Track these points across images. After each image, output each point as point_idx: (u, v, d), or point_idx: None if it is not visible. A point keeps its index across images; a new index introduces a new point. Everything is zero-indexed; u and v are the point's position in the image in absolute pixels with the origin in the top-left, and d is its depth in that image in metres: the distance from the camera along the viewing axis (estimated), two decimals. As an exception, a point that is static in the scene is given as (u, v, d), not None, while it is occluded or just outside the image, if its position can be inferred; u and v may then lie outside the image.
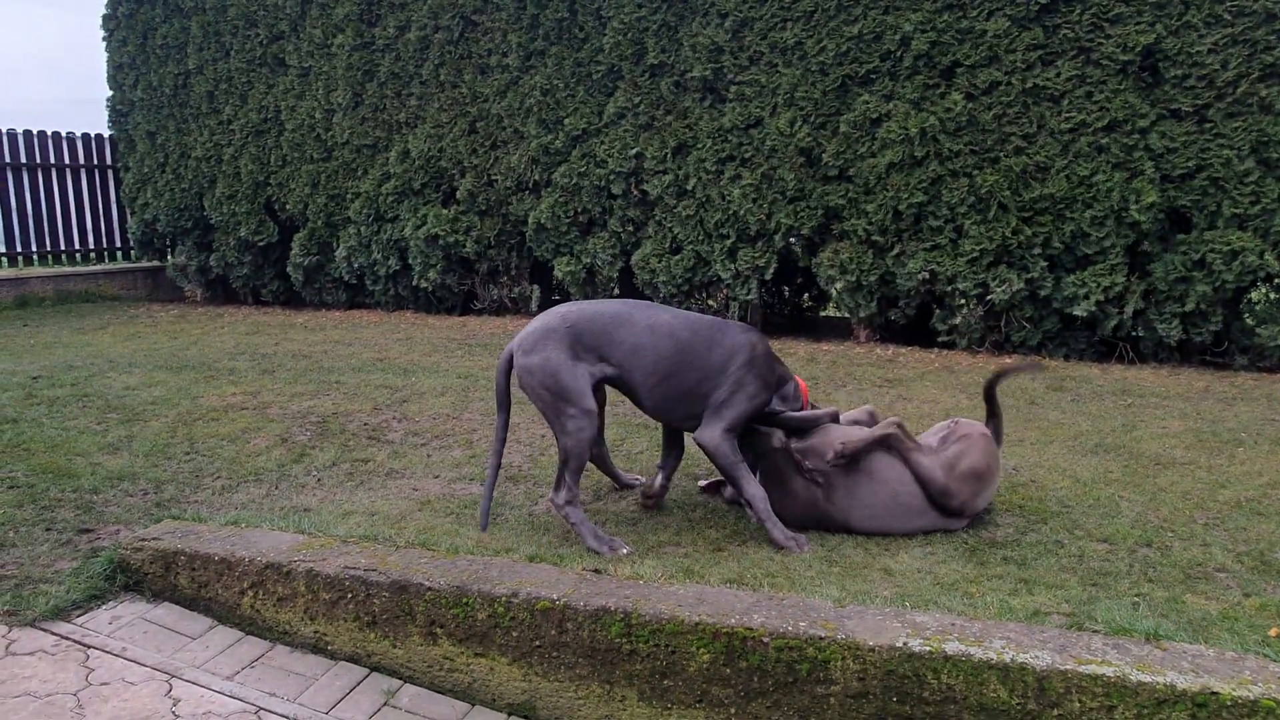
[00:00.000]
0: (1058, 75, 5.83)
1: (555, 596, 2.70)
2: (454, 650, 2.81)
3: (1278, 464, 3.88)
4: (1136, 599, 2.71)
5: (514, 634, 2.73)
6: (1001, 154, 6.01)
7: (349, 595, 2.91)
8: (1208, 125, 5.61)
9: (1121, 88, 5.71)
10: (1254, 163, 5.50)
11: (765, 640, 2.49)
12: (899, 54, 6.18)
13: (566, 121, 7.26)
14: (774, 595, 2.69)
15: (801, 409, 3.36)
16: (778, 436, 3.28)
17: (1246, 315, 5.78)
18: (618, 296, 7.90)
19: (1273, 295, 6.07)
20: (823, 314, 8.29)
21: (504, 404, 3.29)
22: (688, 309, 7.19)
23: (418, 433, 4.50)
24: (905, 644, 2.40)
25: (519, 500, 3.61)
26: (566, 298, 7.87)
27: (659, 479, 3.47)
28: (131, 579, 3.23)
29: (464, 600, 2.77)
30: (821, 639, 2.45)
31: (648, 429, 4.49)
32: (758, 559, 3.02)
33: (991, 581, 2.84)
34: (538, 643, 2.70)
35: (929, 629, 2.46)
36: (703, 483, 3.69)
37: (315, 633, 2.97)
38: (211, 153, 8.98)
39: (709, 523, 3.35)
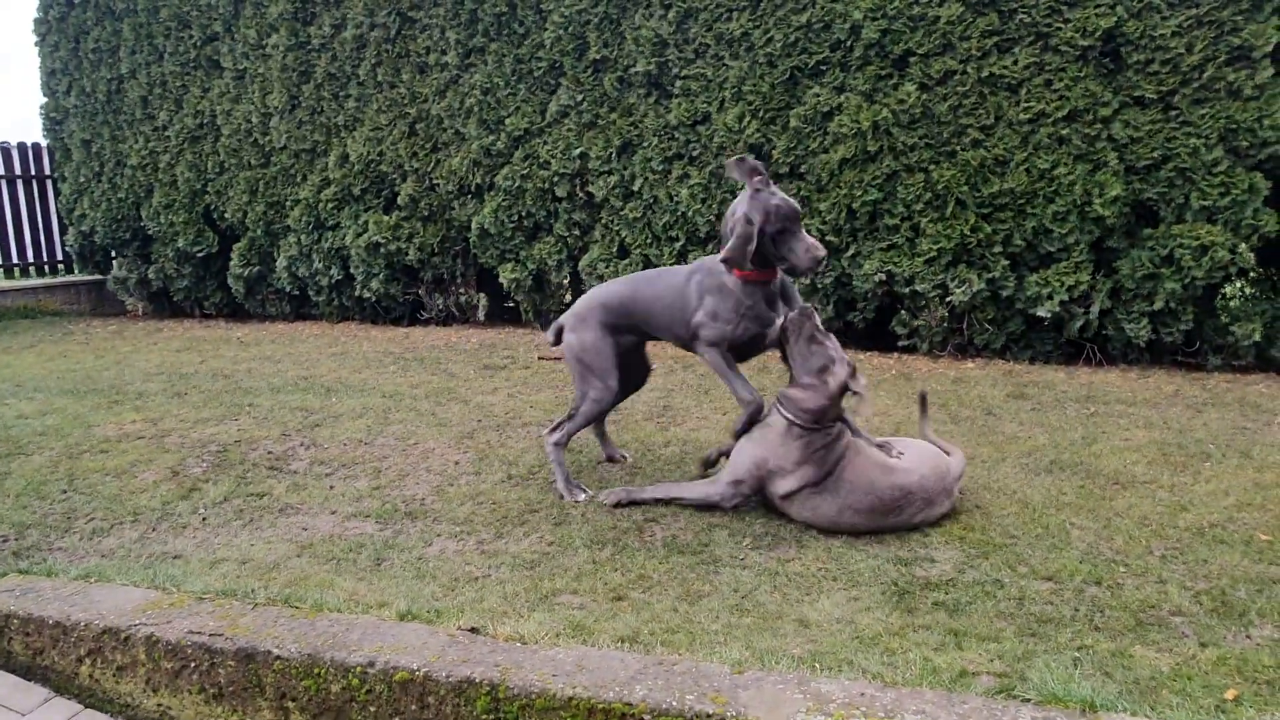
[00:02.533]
0: (1015, 63, 5.51)
1: (416, 666, 2.37)
2: (308, 727, 2.47)
3: (1246, 481, 3.56)
4: (1078, 653, 2.38)
5: (371, 709, 2.39)
6: (958, 147, 5.69)
7: (192, 664, 2.57)
8: (1173, 113, 5.29)
9: (1082, 75, 5.39)
10: (1222, 152, 5.19)
11: (646, 718, 2.16)
12: (849, 43, 5.85)
13: (508, 121, 6.91)
14: (665, 660, 2.36)
15: None
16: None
17: (1221, 313, 5.47)
18: (569, 303, 7.54)
19: (1248, 290, 5.77)
20: (785, 317, 7.96)
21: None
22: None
23: (324, 461, 4.16)
24: (803, 722, 2.07)
25: (412, 541, 3.28)
26: (516, 305, 7.53)
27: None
28: (-37, 645, 2.89)
29: (315, 671, 2.44)
30: (709, 716, 2.12)
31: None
32: (660, 610, 2.69)
33: (918, 633, 2.52)
34: (398, 719, 2.37)
35: (834, 700, 2.14)
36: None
37: (159, 706, 2.64)
38: (147, 160, 8.61)
39: (615, 564, 3.02)
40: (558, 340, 3.74)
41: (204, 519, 3.60)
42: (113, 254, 9.24)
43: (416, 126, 7.36)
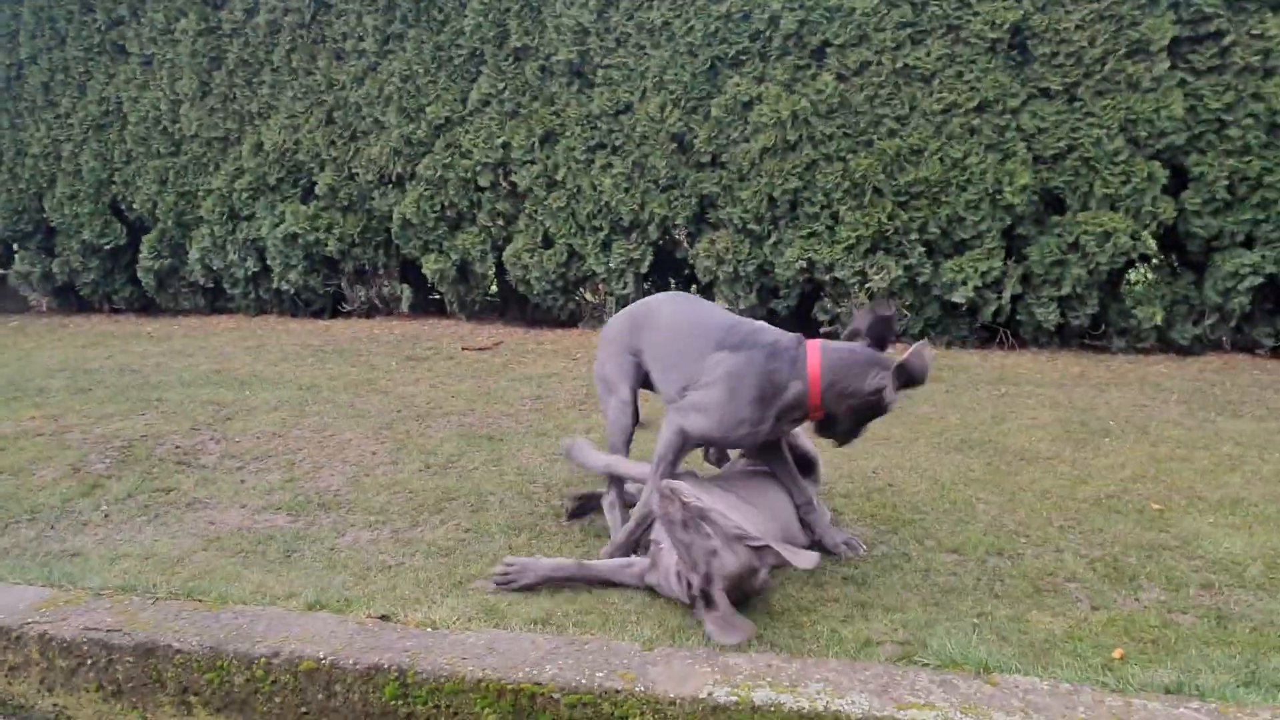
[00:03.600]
0: (928, 54, 5.64)
1: (322, 655, 2.32)
2: (211, 721, 2.40)
3: (1142, 455, 3.72)
4: (977, 620, 2.46)
5: (277, 700, 2.34)
6: (875, 136, 5.81)
7: (89, 662, 2.48)
8: (1077, 104, 5.49)
9: (991, 66, 5.55)
10: (1123, 141, 5.40)
11: (556, 696, 2.16)
12: (768, 34, 5.92)
13: (429, 110, 6.80)
14: (575, 639, 2.36)
15: None
16: None
17: (1125, 297, 5.69)
18: (495, 294, 7.50)
19: (1149, 275, 6.02)
20: (711, 306, 8.01)
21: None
22: (564, 305, 6.83)
23: (235, 455, 4.05)
24: (710, 694, 2.09)
25: (324, 532, 3.21)
26: (441, 296, 7.43)
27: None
28: None
29: (218, 663, 2.37)
30: (618, 692, 2.13)
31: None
32: (573, 592, 2.69)
33: (826, 606, 2.56)
34: (304, 709, 2.33)
35: (741, 672, 2.17)
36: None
37: (54, 706, 2.54)
38: (50, 149, 8.22)
39: (531, 549, 3.01)
40: None
41: (106, 515, 3.47)
42: (14, 247, 8.83)
43: (334, 114, 7.20)
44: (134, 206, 7.98)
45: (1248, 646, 2.30)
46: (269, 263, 7.46)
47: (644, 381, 3.05)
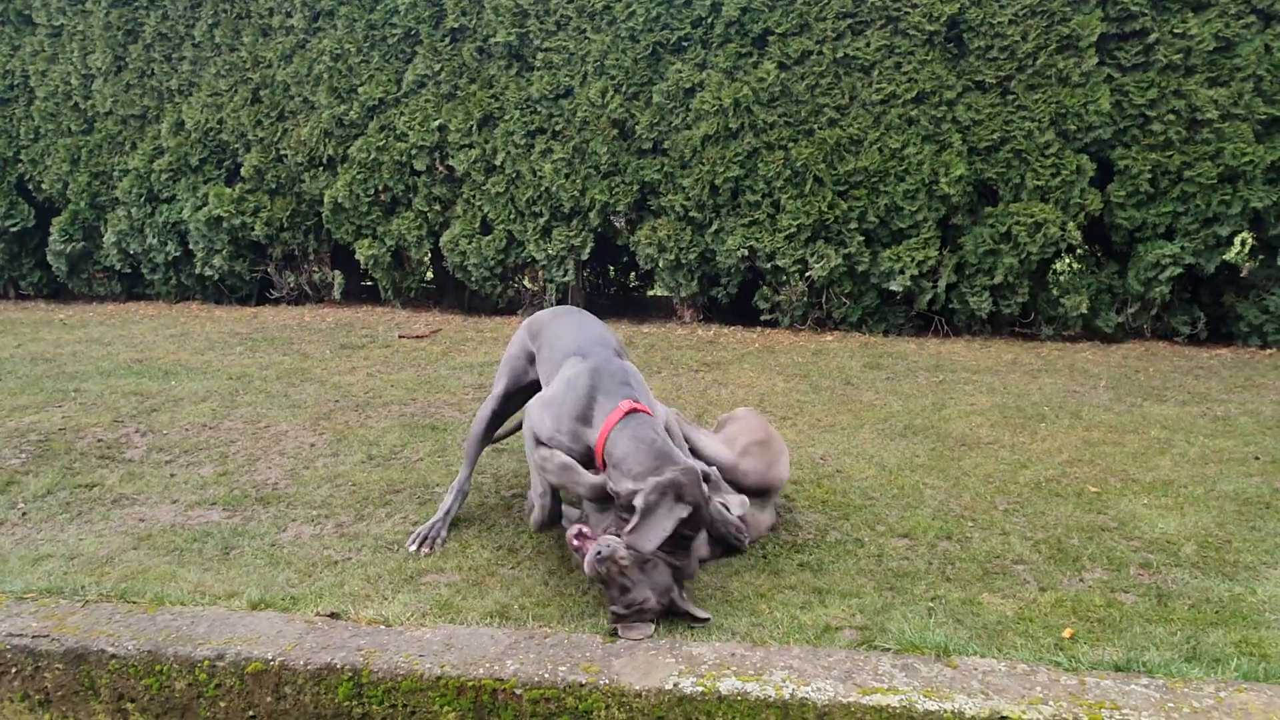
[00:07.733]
0: (867, 45, 5.69)
1: (270, 655, 2.23)
2: (149, 728, 2.29)
3: (1076, 439, 3.84)
4: (932, 603, 2.50)
5: (222, 704, 2.24)
6: (815, 126, 5.85)
7: (13, 670, 2.34)
8: (1010, 97, 5.61)
9: (929, 59, 5.64)
10: (1054, 135, 5.54)
11: (518, 692, 2.11)
12: (710, 20, 5.90)
13: (361, 90, 6.59)
14: (535, 633, 2.32)
15: None
16: None
17: (1052, 286, 5.86)
18: (431, 281, 7.34)
19: (1075, 265, 6.22)
20: (650, 294, 8.01)
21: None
22: (503, 292, 6.73)
23: (163, 448, 3.87)
24: (676, 685, 2.07)
25: (264, 528, 3.09)
26: (375, 282, 7.24)
27: None
28: None
29: (157, 668, 2.26)
30: (582, 686, 2.10)
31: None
32: (529, 584, 2.64)
33: (784, 594, 2.57)
34: (251, 713, 2.23)
35: (705, 662, 2.15)
36: None
37: (-26, 718, 2.38)
38: (-51, 124, 7.73)
39: (481, 541, 2.95)
40: None
41: (24, 514, 3.28)
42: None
43: (260, 93, 6.92)
44: (42, 186, 7.56)
45: (1187, 623, 2.39)
46: (191, 247, 7.15)
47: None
